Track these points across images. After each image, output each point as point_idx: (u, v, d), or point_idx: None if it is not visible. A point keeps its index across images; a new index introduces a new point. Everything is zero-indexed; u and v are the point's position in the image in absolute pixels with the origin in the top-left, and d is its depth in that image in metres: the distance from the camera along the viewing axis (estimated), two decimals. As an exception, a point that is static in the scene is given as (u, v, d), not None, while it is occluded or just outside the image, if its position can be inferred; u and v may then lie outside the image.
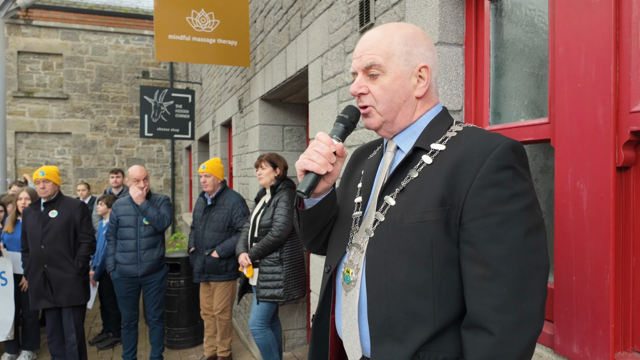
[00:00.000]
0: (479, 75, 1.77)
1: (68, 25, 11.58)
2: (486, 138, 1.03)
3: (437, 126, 1.13)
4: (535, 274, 0.96)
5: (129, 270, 4.05)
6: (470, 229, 0.99)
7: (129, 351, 4.25)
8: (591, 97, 1.29)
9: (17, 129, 11.28)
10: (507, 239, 0.96)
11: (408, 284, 1.02)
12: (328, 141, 1.11)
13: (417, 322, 1.02)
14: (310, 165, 1.09)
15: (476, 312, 0.97)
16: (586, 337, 1.32)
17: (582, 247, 1.33)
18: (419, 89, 1.13)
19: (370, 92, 1.12)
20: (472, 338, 0.98)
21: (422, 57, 1.12)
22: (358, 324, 1.11)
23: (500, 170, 0.98)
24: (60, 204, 3.93)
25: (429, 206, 1.02)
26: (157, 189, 12.53)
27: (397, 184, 1.11)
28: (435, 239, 1.01)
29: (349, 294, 1.13)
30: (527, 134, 1.53)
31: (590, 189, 1.30)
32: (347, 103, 2.58)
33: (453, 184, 1.01)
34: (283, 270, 3.55)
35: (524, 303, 0.95)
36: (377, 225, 1.10)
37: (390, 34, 1.12)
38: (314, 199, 1.19)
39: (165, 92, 7.70)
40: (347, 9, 2.55)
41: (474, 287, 0.98)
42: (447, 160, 1.04)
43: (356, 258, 1.12)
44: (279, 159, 3.71)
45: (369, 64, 1.11)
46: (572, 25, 1.35)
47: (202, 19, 4.14)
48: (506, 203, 0.97)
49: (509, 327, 0.94)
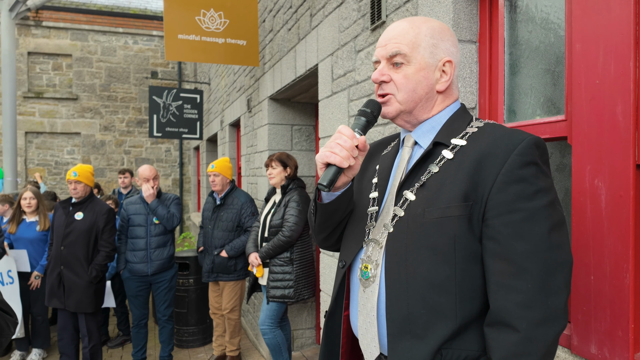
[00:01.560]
0: (493, 73, 1.75)
1: (77, 26, 11.67)
2: (509, 134, 1.03)
3: (457, 122, 1.13)
4: (559, 270, 0.96)
5: (139, 269, 4.06)
6: (494, 225, 0.98)
7: (139, 350, 4.26)
8: (610, 94, 1.27)
9: (27, 129, 11.38)
10: (532, 236, 0.95)
11: (429, 280, 1.02)
12: (351, 134, 1.09)
13: (438, 318, 1.01)
14: (332, 159, 1.07)
15: (501, 308, 0.96)
16: (605, 338, 1.30)
17: (601, 246, 1.31)
18: (441, 83, 1.13)
19: (392, 81, 1.12)
20: (496, 335, 0.97)
21: (447, 52, 1.12)
22: (377, 320, 1.09)
23: (525, 166, 0.97)
24: (88, 207, 3.84)
25: (451, 201, 1.01)
26: (166, 188, 12.58)
27: (417, 178, 1.10)
28: (458, 235, 1.00)
29: (367, 290, 1.11)
30: (544, 131, 1.52)
31: (609, 187, 1.28)
32: (358, 101, 2.57)
33: (476, 179, 1.00)
34: (293, 270, 3.54)
35: (549, 299, 0.94)
36: (397, 220, 1.09)
37: (418, 25, 1.12)
38: (334, 193, 1.18)
39: (173, 92, 7.73)
40: (358, 7, 2.54)
41: (498, 284, 0.98)
42: (469, 155, 1.03)
43: (375, 254, 1.11)
44: (290, 158, 3.70)
45: (394, 52, 1.10)
46: (589, 21, 1.33)
47: (211, 18, 4.14)
48: (530, 199, 0.96)
49: (535, 323, 0.94)
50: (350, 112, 2.67)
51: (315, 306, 4.46)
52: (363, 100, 2.51)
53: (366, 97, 2.47)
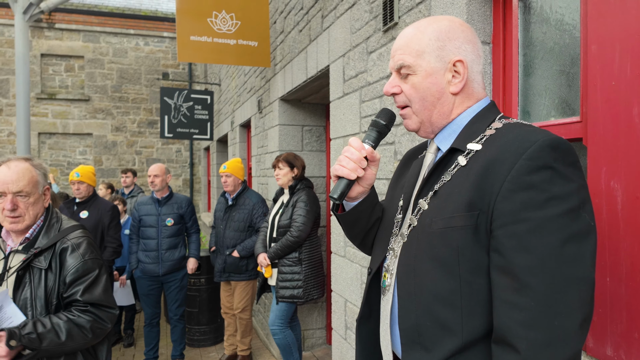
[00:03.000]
0: (507, 74, 1.75)
1: (89, 28, 11.80)
2: (522, 136, 0.94)
3: (477, 124, 1.06)
4: (572, 287, 0.86)
5: (151, 269, 4.11)
6: (498, 237, 0.91)
7: (151, 349, 4.30)
8: (626, 95, 1.27)
9: (40, 130, 11.53)
10: (538, 249, 0.87)
11: (435, 293, 0.98)
12: (359, 146, 1.10)
13: (445, 333, 0.97)
14: (340, 171, 1.09)
15: (502, 326, 0.89)
16: (621, 340, 1.30)
17: (617, 247, 1.30)
18: (454, 85, 1.06)
19: (403, 92, 1.10)
20: (500, 353, 0.90)
21: (458, 50, 1.06)
22: (390, 329, 1.10)
23: (534, 171, 0.89)
24: (92, 205, 3.97)
25: (455, 211, 0.97)
26: (176, 189, 12.68)
27: (431, 187, 1.07)
28: (462, 246, 0.95)
29: (384, 299, 1.12)
30: (558, 132, 1.51)
31: (625, 188, 1.28)
32: (369, 102, 2.57)
33: (483, 187, 0.94)
34: (302, 271, 3.56)
35: (556, 320, 0.85)
36: (411, 229, 1.08)
37: (422, 30, 1.07)
38: (350, 203, 1.19)
39: (184, 93, 7.78)
40: (370, 9, 2.54)
41: (501, 299, 0.90)
42: (479, 161, 0.97)
43: (391, 263, 1.11)
44: (297, 159, 3.72)
45: (399, 65, 1.08)
46: (605, 23, 1.33)
47: (223, 20, 4.18)
48: (540, 208, 0.88)
49: (537, 345, 0.85)
50: (361, 113, 2.67)
51: (326, 306, 4.47)
52: (375, 101, 2.52)
53: (378, 98, 2.48)
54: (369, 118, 2.59)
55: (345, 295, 2.92)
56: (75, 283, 1.79)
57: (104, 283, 1.87)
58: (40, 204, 1.88)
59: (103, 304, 1.83)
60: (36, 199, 1.85)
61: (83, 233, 1.92)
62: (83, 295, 1.78)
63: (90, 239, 1.93)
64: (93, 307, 1.81)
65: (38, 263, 1.78)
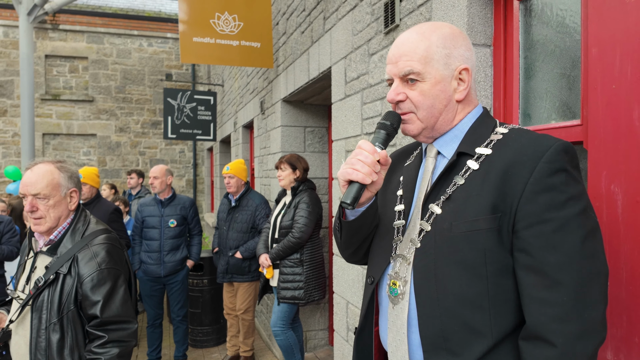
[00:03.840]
0: (508, 76, 1.75)
1: (93, 29, 11.85)
2: (536, 140, 0.99)
3: (480, 129, 1.09)
4: (595, 281, 0.93)
5: (153, 270, 4.13)
6: (525, 237, 0.95)
7: (154, 349, 4.32)
8: (627, 99, 1.27)
9: (44, 130, 11.58)
10: (564, 246, 0.92)
11: (461, 296, 0.99)
12: (371, 149, 1.06)
13: (474, 336, 0.98)
14: (355, 175, 1.04)
15: (536, 322, 0.93)
16: (621, 344, 1.29)
17: (617, 252, 1.30)
18: (460, 92, 1.09)
19: (408, 99, 1.08)
20: (532, 350, 0.94)
21: (462, 58, 1.08)
22: (407, 337, 1.07)
23: (554, 173, 0.94)
24: (95, 207, 3.97)
25: (479, 214, 0.98)
26: (180, 189, 12.71)
27: (442, 191, 1.07)
28: (489, 248, 0.97)
29: (396, 307, 1.09)
30: (559, 135, 1.51)
31: (625, 192, 1.28)
32: (371, 104, 2.58)
33: (504, 189, 0.97)
34: (303, 272, 3.56)
35: (586, 312, 0.91)
36: (424, 235, 1.06)
37: (428, 37, 1.07)
38: (358, 209, 1.15)
39: (187, 94, 7.80)
40: (372, 10, 2.54)
41: (532, 297, 0.94)
42: (495, 165, 1.00)
43: (402, 270, 1.08)
44: (299, 160, 3.72)
45: (406, 72, 1.06)
46: (606, 26, 1.33)
47: (225, 21, 4.19)
48: (561, 208, 0.93)
49: (572, 337, 0.90)
50: (363, 115, 2.68)
51: (328, 307, 4.47)
52: (376, 103, 2.52)
53: (379, 100, 2.48)
54: (370, 120, 2.59)
55: (347, 297, 2.92)
56: (92, 293, 1.74)
57: (122, 295, 1.81)
58: (63, 206, 1.87)
59: (122, 319, 1.77)
60: (57, 202, 1.85)
61: (105, 239, 1.87)
62: (103, 313, 1.73)
63: (113, 246, 1.87)
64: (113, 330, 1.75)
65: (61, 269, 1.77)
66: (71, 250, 1.80)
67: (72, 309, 1.75)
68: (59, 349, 1.71)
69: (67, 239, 1.84)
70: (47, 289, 1.76)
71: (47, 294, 1.75)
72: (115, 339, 1.75)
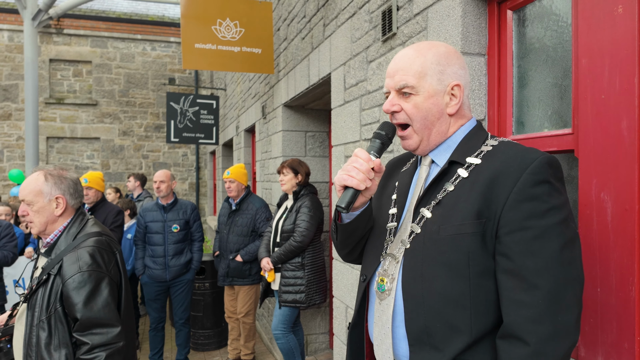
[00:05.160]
0: (502, 85, 1.78)
1: (97, 34, 11.93)
2: (522, 152, 1.06)
3: (472, 140, 1.16)
4: (570, 287, 0.99)
5: (158, 275, 4.15)
6: (506, 242, 1.01)
7: (156, 353, 4.35)
8: (615, 109, 1.29)
9: (48, 134, 11.66)
10: (543, 253, 0.98)
11: (444, 295, 1.05)
12: (366, 157, 1.14)
13: (454, 333, 1.04)
14: (349, 182, 1.12)
15: (512, 322, 0.99)
16: (611, 349, 1.31)
17: (607, 258, 1.32)
18: (451, 107, 1.16)
19: (403, 110, 1.16)
20: (507, 347, 1.00)
21: (455, 75, 1.15)
22: (392, 332, 1.13)
23: (537, 184, 1.00)
24: (101, 210, 4.04)
25: (465, 219, 1.04)
26: (182, 192, 12.76)
27: (433, 196, 1.14)
28: (472, 251, 1.04)
29: (382, 303, 1.15)
30: (551, 144, 1.54)
31: (614, 200, 1.30)
32: (369, 111, 2.61)
33: (489, 197, 1.03)
34: (305, 275, 3.59)
35: (560, 315, 0.97)
36: (413, 236, 1.13)
37: (424, 54, 1.14)
38: (353, 213, 1.23)
39: (190, 98, 7.85)
40: (370, 19, 2.58)
41: (510, 299, 1.01)
42: (483, 174, 1.07)
43: (391, 268, 1.15)
44: (301, 165, 3.76)
45: (401, 85, 1.14)
46: (595, 37, 1.35)
47: (227, 27, 4.23)
48: (542, 217, 0.99)
49: (545, 338, 0.96)
50: (362, 121, 2.71)
51: (329, 311, 4.49)
52: (374, 109, 2.55)
53: (377, 107, 2.51)
54: (368, 126, 2.62)
55: (346, 301, 2.94)
56: (73, 295, 1.76)
57: (105, 297, 1.80)
58: (48, 212, 1.93)
59: (104, 322, 1.76)
60: (41, 207, 1.91)
61: (93, 243, 1.89)
62: (82, 314, 1.74)
63: (99, 249, 1.89)
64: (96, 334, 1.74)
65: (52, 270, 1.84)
66: (62, 253, 1.86)
67: (59, 308, 1.80)
68: (46, 345, 1.75)
69: (62, 241, 1.92)
70: (41, 289, 1.83)
71: (40, 293, 1.82)
72: (100, 343, 1.75)
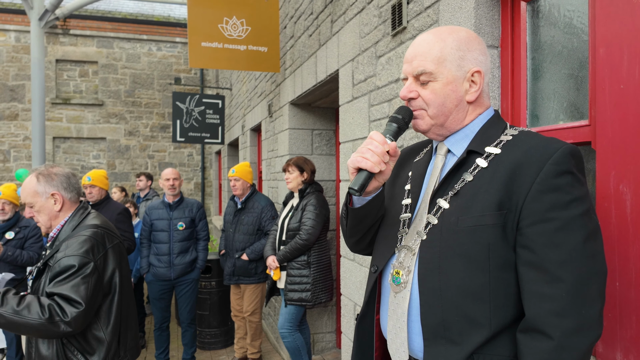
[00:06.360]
0: (515, 77, 1.75)
1: (103, 34, 11.96)
2: (545, 142, 1.03)
3: (491, 130, 1.13)
4: (594, 279, 0.96)
5: (163, 273, 4.14)
6: (528, 234, 0.99)
7: (162, 352, 4.34)
8: (634, 99, 1.26)
9: (54, 134, 11.70)
10: (566, 245, 0.96)
11: (463, 288, 1.02)
12: (382, 140, 1.10)
13: (473, 326, 1.02)
14: (364, 164, 1.08)
15: (535, 316, 0.97)
16: (630, 345, 1.28)
17: (626, 252, 1.29)
18: (471, 94, 1.13)
19: (420, 97, 1.12)
20: (529, 341, 0.97)
21: (475, 61, 1.12)
22: (407, 326, 1.10)
23: (560, 175, 0.98)
24: (105, 208, 4.03)
25: (485, 210, 1.02)
26: (188, 192, 12.77)
27: (451, 187, 1.11)
28: (493, 243, 1.01)
29: (398, 296, 1.12)
30: (567, 136, 1.51)
31: (634, 192, 1.27)
32: (378, 106, 2.58)
33: (511, 188, 1.01)
34: (311, 274, 3.57)
35: (584, 309, 0.94)
36: (430, 228, 1.10)
37: (443, 38, 1.11)
38: (365, 198, 1.19)
39: (196, 97, 7.85)
40: (379, 13, 2.55)
41: (532, 292, 0.98)
42: (504, 164, 1.04)
43: (407, 260, 1.12)
44: (307, 163, 3.74)
45: (419, 72, 1.11)
46: (613, 26, 1.32)
47: (233, 26, 4.22)
48: (565, 208, 0.97)
49: (569, 332, 0.94)
50: (370, 117, 2.68)
51: (336, 310, 4.47)
52: (384, 105, 2.52)
53: (387, 102, 2.49)
54: (377, 122, 2.60)
55: (355, 299, 2.92)
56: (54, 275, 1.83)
57: (79, 280, 1.80)
58: (48, 209, 2.02)
59: (69, 296, 1.77)
60: (41, 207, 2.01)
61: (86, 233, 1.94)
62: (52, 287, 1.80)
63: (90, 238, 1.91)
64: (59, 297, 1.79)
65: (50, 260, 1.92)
66: (60, 244, 1.94)
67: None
68: None
69: (62, 234, 2.01)
70: (43, 277, 1.92)
71: (42, 283, 1.91)
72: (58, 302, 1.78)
